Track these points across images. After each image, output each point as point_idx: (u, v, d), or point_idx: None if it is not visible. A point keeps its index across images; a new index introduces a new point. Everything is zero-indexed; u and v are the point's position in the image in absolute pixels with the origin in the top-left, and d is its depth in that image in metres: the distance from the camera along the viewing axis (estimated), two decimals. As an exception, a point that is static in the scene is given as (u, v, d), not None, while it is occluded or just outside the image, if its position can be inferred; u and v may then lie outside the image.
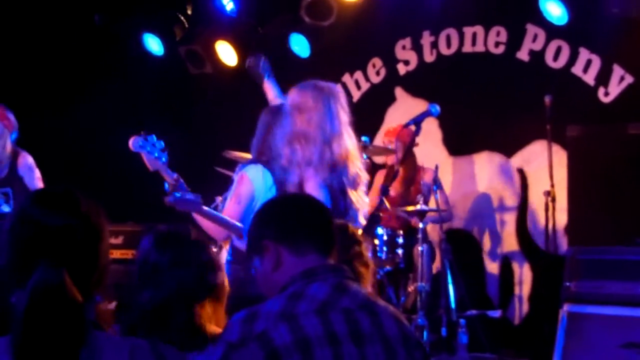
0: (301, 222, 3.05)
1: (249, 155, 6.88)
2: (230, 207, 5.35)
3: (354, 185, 5.10)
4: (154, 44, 9.56)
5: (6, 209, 6.93)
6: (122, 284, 8.26)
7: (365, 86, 9.26)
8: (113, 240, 8.80)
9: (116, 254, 8.78)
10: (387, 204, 5.45)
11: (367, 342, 2.81)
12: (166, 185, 5.58)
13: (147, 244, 3.84)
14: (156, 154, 5.46)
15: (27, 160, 7.06)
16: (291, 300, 2.84)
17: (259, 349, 2.73)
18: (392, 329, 2.89)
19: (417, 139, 5.57)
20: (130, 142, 5.43)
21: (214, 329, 3.65)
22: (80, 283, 2.44)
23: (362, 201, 5.17)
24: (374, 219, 5.18)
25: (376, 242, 6.65)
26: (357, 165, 5.14)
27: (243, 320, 2.81)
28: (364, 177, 5.16)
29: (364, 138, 7.03)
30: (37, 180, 7.02)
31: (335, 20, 8.74)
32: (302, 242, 2.99)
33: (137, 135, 5.44)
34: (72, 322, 2.35)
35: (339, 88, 5.33)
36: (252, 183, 5.34)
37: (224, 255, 5.64)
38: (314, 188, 4.98)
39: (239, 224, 5.21)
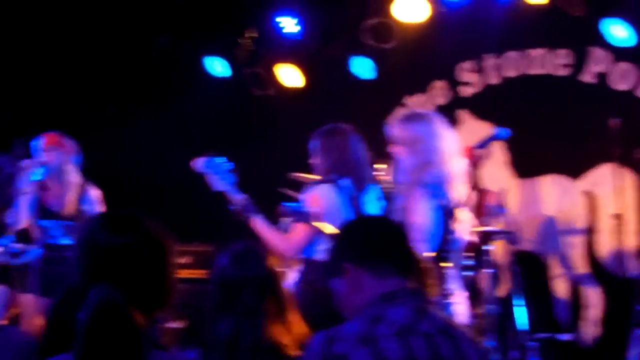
0: (381, 244, 3.06)
1: (314, 177, 6.93)
2: (305, 227, 5.46)
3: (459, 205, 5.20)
4: (218, 66, 9.65)
5: (65, 241, 6.91)
6: (191, 304, 8.32)
7: (428, 109, 9.23)
8: (182, 260, 8.87)
9: (184, 274, 8.84)
10: (450, 225, 5.48)
11: None
12: (231, 208, 5.67)
13: (224, 261, 3.89)
14: (222, 175, 5.56)
15: (93, 194, 7.08)
16: (371, 323, 2.85)
17: (339, 372, 2.75)
18: (471, 354, 2.89)
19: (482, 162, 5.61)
20: (196, 163, 5.54)
21: (286, 345, 3.68)
22: (142, 303, 2.50)
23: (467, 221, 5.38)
24: (438, 241, 5.22)
25: (443, 264, 6.60)
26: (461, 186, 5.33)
27: (323, 341, 2.82)
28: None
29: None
30: None
31: (397, 42, 8.76)
32: (382, 264, 3.00)
33: (203, 156, 5.53)
34: (131, 342, 2.40)
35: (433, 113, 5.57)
36: (324, 202, 5.43)
37: (291, 275, 5.69)
38: (423, 209, 5.07)
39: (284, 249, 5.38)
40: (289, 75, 9.46)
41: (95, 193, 7.07)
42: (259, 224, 5.66)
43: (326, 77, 9.45)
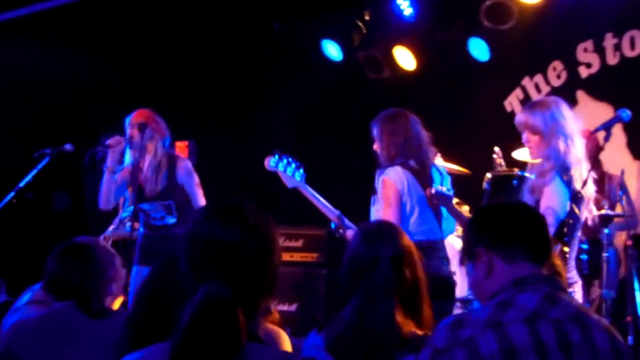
0: (514, 229, 3.05)
1: (448, 164, 6.96)
2: (384, 211, 5.63)
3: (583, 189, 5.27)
4: (332, 50, 9.69)
5: (171, 220, 6.89)
6: (302, 286, 8.43)
7: (545, 89, 9.10)
8: (293, 244, 8.96)
9: (296, 257, 8.94)
10: (575, 210, 5.44)
11: (576, 354, 2.77)
12: (333, 225, 5.80)
13: (356, 241, 3.88)
14: (291, 172, 5.68)
15: (185, 165, 6.99)
16: (500, 308, 2.84)
17: (464, 355, 2.75)
18: (603, 343, 2.83)
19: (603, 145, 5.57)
20: (265, 162, 5.66)
21: (413, 329, 3.65)
22: (247, 295, 2.50)
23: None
24: (563, 225, 5.18)
25: (566, 249, 6.54)
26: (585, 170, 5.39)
27: (450, 326, 2.83)
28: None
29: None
30: (196, 187, 6.90)
31: (515, 23, 8.64)
32: (515, 250, 2.98)
33: (271, 155, 5.64)
34: (232, 338, 2.39)
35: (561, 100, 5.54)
36: (396, 185, 5.54)
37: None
38: (557, 195, 5.15)
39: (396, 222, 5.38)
40: (405, 58, 9.44)
41: (185, 165, 7.00)
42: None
43: (442, 59, 9.39)
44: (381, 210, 5.68)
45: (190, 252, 2.55)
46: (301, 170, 5.88)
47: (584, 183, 5.23)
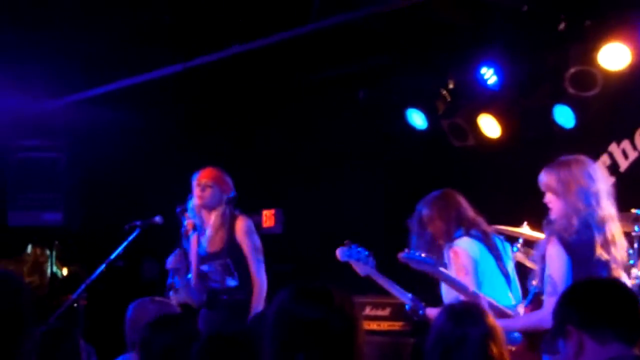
0: (606, 310, 3.03)
1: (518, 229, 6.95)
2: (464, 279, 5.71)
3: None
4: (417, 118, 9.74)
5: (232, 282, 6.86)
6: (389, 355, 8.38)
7: (632, 155, 9.01)
8: (380, 312, 8.95)
9: (383, 326, 8.91)
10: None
11: None
12: (407, 307, 5.88)
13: (443, 319, 3.91)
14: (362, 261, 5.77)
15: (245, 225, 6.92)
16: None
17: None
18: None
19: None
20: (338, 253, 5.75)
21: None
22: None
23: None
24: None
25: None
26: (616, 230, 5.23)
27: None
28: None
29: (637, 211, 6.86)
30: (253, 250, 6.82)
31: (600, 90, 8.60)
32: (606, 329, 2.96)
33: (343, 246, 5.73)
34: None
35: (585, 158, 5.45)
36: (470, 254, 5.58)
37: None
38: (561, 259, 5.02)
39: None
40: (489, 126, 9.45)
41: (245, 224, 6.94)
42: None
43: (527, 127, 9.37)
44: (461, 279, 5.70)
45: (277, 331, 2.61)
46: (372, 259, 5.99)
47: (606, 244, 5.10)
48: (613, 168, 9.01)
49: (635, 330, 3.01)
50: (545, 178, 5.33)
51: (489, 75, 9.16)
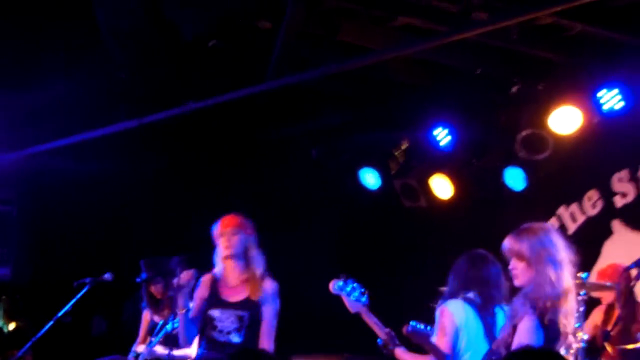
0: None
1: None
2: (438, 339, 5.74)
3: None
4: (370, 178, 9.81)
5: (235, 339, 6.31)
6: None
7: (581, 219, 9.13)
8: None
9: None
10: (608, 348, 5.41)
11: None
12: (379, 340, 5.90)
13: None
14: (355, 297, 5.74)
15: (272, 286, 6.48)
16: None
17: None
18: None
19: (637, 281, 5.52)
20: (331, 285, 5.73)
21: None
22: None
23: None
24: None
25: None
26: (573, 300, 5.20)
27: None
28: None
29: (582, 275, 6.91)
30: (274, 314, 6.41)
31: (551, 153, 8.72)
32: None
33: (337, 278, 5.72)
34: None
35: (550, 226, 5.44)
36: (454, 316, 5.55)
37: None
38: (530, 331, 5.04)
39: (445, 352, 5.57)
40: (441, 187, 9.53)
41: (273, 286, 6.48)
42: (402, 354, 5.88)
43: (478, 188, 9.48)
44: (436, 338, 5.75)
45: None
46: (365, 296, 5.96)
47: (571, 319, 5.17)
48: (561, 231, 9.04)
49: None
50: (514, 245, 5.25)
51: (442, 135, 9.26)
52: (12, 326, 10.10)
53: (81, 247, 9.39)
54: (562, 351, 5.20)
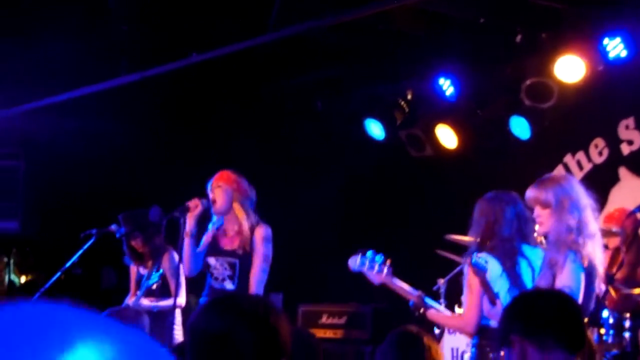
0: (549, 319, 3.09)
1: (468, 238, 7.00)
2: (467, 297, 5.69)
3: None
4: (375, 129, 9.82)
5: (229, 286, 6.67)
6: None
7: (587, 167, 9.14)
8: (337, 321, 9.00)
9: (340, 334, 8.97)
10: (612, 292, 5.47)
11: None
12: (411, 303, 5.85)
13: (387, 344, 4.02)
14: (377, 269, 5.71)
15: (264, 231, 6.76)
16: None
17: None
18: None
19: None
20: (350, 264, 5.70)
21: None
22: None
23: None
24: (599, 307, 5.21)
25: (602, 331, 6.56)
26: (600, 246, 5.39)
27: None
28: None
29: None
30: (263, 259, 6.66)
31: (556, 101, 8.71)
32: (549, 339, 3.01)
33: (355, 254, 5.70)
34: None
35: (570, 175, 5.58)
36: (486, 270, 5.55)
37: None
38: (572, 273, 5.11)
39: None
40: (446, 136, 9.53)
41: (264, 231, 6.76)
42: (435, 315, 5.84)
43: (483, 138, 9.48)
44: (465, 296, 5.74)
45: (188, 345, 2.61)
46: (387, 266, 5.86)
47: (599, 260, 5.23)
48: (568, 179, 9.11)
49: (577, 339, 3.06)
50: (538, 194, 5.36)
51: (447, 86, 9.25)
52: (23, 279, 10.21)
53: (89, 201, 9.44)
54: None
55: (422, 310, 5.82)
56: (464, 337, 7.86)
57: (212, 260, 6.73)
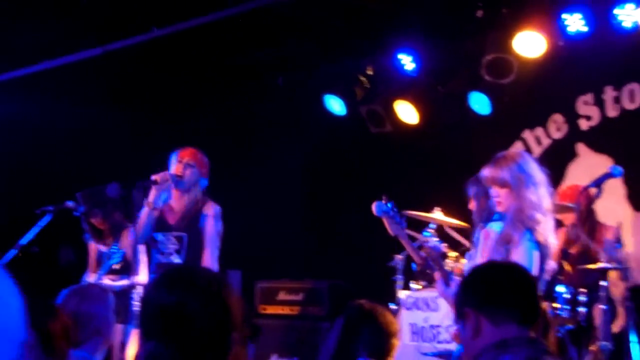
0: (503, 292, 3.09)
1: (428, 215, 7.04)
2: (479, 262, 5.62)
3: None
4: (335, 104, 9.81)
5: (177, 260, 6.74)
6: (303, 340, 8.42)
7: (546, 142, 9.18)
8: (294, 297, 9.01)
9: (297, 310, 8.99)
10: (566, 266, 5.52)
11: None
12: (413, 266, 5.83)
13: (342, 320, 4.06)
14: (397, 220, 5.69)
15: (214, 208, 6.84)
16: None
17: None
18: None
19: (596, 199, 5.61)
20: (374, 206, 5.66)
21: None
22: (194, 358, 2.53)
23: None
24: (553, 282, 5.24)
25: (556, 305, 6.62)
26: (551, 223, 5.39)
27: None
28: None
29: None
30: (214, 235, 6.74)
31: (516, 77, 8.73)
32: (502, 312, 3.03)
33: (379, 200, 5.67)
34: None
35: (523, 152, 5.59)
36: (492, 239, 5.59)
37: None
38: (526, 250, 5.14)
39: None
40: (406, 112, 9.53)
41: (213, 208, 6.83)
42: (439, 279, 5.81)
43: (444, 113, 9.50)
44: (478, 262, 5.73)
45: (140, 315, 2.61)
46: (404, 220, 5.85)
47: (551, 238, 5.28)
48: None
49: (531, 312, 3.06)
50: (495, 172, 5.38)
51: (407, 61, 9.25)
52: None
53: (44, 177, 9.34)
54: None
55: (428, 272, 5.76)
56: (421, 312, 7.94)
57: (159, 236, 6.81)
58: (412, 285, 8.14)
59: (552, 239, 5.35)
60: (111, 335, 4.70)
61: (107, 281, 7.58)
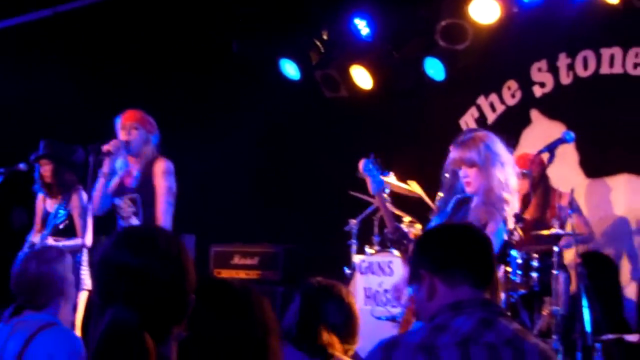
0: (457, 253, 3.08)
1: (384, 179, 7.03)
2: None
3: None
4: (290, 69, 9.76)
5: (135, 222, 6.73)
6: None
7: (500, 108, 9.22)
8: (249, 261, 9.02)
9: (252, 275, 8.99)
10: (519, 232, 5.56)
11: None
12: (386, 231, 5.83)
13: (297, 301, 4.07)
14: (379, 180, 5.68)
15: (164, 165, 6.84)
16: (434, 331, 2.88)
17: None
18: None
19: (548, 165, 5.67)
20: (361, 164, 5.63)
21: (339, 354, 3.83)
22: (156, 321, 2.52)
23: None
24: (506, 247, 5.29)
25: (508, 269, 6.68)
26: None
27: (384, 347, 2.88)
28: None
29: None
30: (165, 191, 6.72)
31: (470, 43, 8.74)
32: (456, 273, 3.02)
33: (367, 158, 5.64)
34: None
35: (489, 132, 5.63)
36: None
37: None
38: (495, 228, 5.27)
39: None
40: (362, 77, 9.52)
41: (164, 165, 6.84)
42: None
43: (399, 79, 9.50)
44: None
45: (99, 277, 2.58)
46: (383, 182, 5.79)
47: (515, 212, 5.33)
48: (481, 121, 9.21)
49: (485, 274, 3.07)
50: (462, 153, 5.41)
51: (362, 26, 9.23)
52: None
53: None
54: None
55: (394, 239, 5.74)
56: (376, 277, 7.98)
57: (118, 201, 6.83)
58: (367, 249, 8.18)
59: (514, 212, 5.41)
60: (72, 295, 4.67)
61: (50, 241, 7.53)
